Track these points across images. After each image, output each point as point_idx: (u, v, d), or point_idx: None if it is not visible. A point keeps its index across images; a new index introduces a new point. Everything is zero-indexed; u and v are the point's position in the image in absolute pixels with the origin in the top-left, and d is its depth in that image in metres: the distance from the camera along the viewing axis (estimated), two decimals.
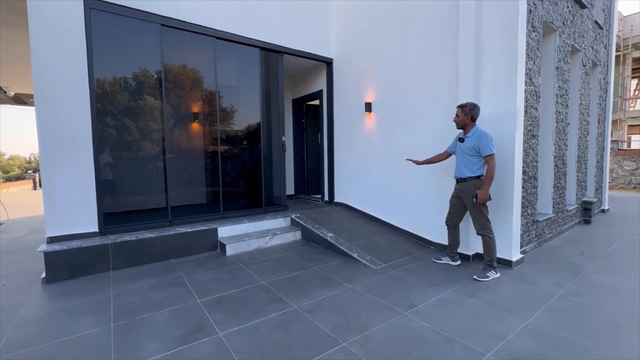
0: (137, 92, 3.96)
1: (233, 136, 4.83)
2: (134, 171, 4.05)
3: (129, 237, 3.65)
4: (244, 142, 4.94)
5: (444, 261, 3.54)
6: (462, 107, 3.16)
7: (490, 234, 3.13)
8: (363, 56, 5.05)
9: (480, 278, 3.06)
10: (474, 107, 3.13)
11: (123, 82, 3.88)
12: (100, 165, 3.71)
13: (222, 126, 4.67)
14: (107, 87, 3.77)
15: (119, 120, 3.85)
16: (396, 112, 4.53)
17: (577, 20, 4.81)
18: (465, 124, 3.18)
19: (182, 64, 4.30)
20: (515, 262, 3.34)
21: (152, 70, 4.04)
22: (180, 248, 3.92)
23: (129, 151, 3.95)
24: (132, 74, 3.93)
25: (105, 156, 3.79)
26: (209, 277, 3.26)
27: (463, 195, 3.22)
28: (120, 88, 3.86)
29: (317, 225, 4.58)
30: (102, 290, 2.97)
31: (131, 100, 3.92)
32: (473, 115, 3.13)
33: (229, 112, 4.78)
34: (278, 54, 5.15)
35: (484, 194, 2.99)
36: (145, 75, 4.01)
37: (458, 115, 3.19)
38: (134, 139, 3.97)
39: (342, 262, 3.70)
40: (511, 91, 3.27)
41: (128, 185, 4.05)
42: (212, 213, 4.59)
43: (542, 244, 4.12)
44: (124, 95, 3.87)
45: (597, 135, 5.89)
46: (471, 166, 3.12)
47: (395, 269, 3.40)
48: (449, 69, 3.78)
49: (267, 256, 3.95)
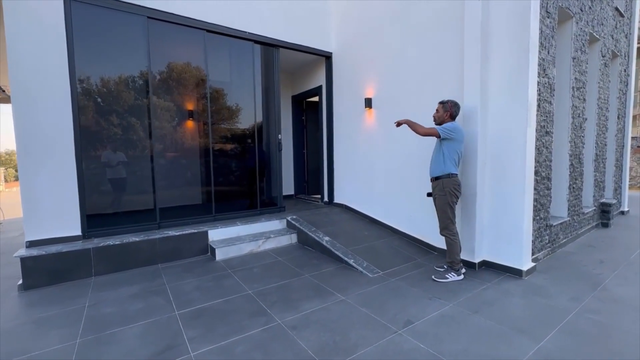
0: (123, 88, 3.78)
1: (226, 134, 4.62)
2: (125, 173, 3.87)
3: (113, 241, 3.48)
4: (238, 141, 4.72)
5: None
6: (443, 104, 3.10)
7: (452, 235, 3.05)
8: (363, 50, 4.77)
9: (437, 278, 3.01)
10: (454, 105, 3.07)
11: (107, 79, 3.69)
12: (84, 166, 3.54)
13: (215, 124, 4.46)
14: (91, 83, 3.59)
15: (103, 118, 3.67)
16: (398, 108, 4.24)
17: (596, 7, 4.43)
18: (443, 120, 3.09)
19: (171, 59, 4.10)
20: (525, 272, 3.04)
21: (139, 65, 3.85)
22: (168, 252, 3.73)
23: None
24: (118, 69, 3.73)
25: (101, 154, 3.63)
26: (192, 285, 3.05)
27: (434, 194, 3.13)
28: (105, 85, 3.67)
29: (313, 228, 4.34)
30: (79, 299, 2.79)
31: (116, 98, 3.73)
32: (452, 113, 3.07)
33: (222, 110, 4.56)
34: (274, 48, 4.91)
35: (401, 120, 3.15)
36: (131, 71, 3.82)
37: (438, 111, 3.12)
38: (120, 137, 3.78)
39: (337, 268, 3.45)
40: (522, 83, 2.96)
41: (114, 186, 3.87)
42: (203, 215, 4.39)
43: (555, 251, 3.80)
44: (108, 92, 3.69)
45: (616, 132, 5.48)
46: (439, 163, 3.04)
47: (393, 278, 3.14)
48: (454, 61, 3.48)
49: (258, 261, 3.73)
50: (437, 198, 3.08)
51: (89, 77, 3.57)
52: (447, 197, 3.00)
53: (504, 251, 3.18)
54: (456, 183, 3.02)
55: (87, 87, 3.56)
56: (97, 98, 3.63)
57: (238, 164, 4.74)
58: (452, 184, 3.00)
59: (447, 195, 3.00)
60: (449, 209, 3.03)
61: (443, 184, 3.01)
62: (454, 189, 3.01)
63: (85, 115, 3.55)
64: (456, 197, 3.03)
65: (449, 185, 2.99)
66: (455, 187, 3.01)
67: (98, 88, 3.63)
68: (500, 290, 2.81)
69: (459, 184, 3.06)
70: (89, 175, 3.60)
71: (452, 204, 3.03)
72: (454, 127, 2.97)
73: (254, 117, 4.78)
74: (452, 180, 3.00)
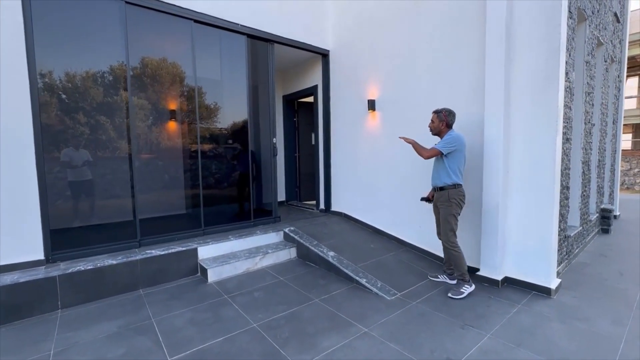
0: (92, 84, 3.22)
1: (216, 138, 4.13)
2: (94, 177, 3.31)
3: (85, 265, 2.93)
4: (228, 145, 4.25)
5: (441, 279, 3.22)
6: (437, 113, 2.97)
7: (455, 247, 2.94)
8: (365, 47, 4.44)
9: (454, 296, 2.86)
10: (449, 114, 2.95)
11: (74, 73, 3.12)
12: (48, 170, 2.97)
13: (203, 126, 3.97)
14: (56, 77, 3.02)
15: (71, 116, 3.10)
16: (405, 111, 3.95)
17: (602, 10, 4.36)
18: (439, 130, 2.98)
19: (152, 52, 3.57)
20: (554, 290, 2.83)
21: (115, 57, 3.30)
22: (151, 275, 3.22)
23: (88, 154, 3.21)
24: (88, 62, 3.17)
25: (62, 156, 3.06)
26: (185, 318, 2.58)
27: (438, 204, 3.01)
28: (71, 80, 3.10)
29: (314, 241, 3.96)
30: (41, 344, 2.25)
31: (85, 94, 3.17)
32: (448, 122, 2.95)
33: (211, 110, 4.08)
34: (269, 43, 4.47)
35: (408, 139, 3.01)
36: (105, 63, 3.27)
37: (433, 121, 3.00)
38: (92, 138, 3.23)
39: (349, 290, 3.10)
40: (552, 87, 2.74)
41: (85, 195, 3.30)
42: (191, 229, 3.89)
43: (571, 262, 3.65)
44: (76, 87, 3.12)
45: (611, 137, 5.51)
46: (443, 174, 2.91)
47: (413, 300, 2.83)
48: (472, 62, 3.23)
49: (257, 282, 3.30)
50: (441, 208, 2.97)
51: (54, 69, 2.99)
52: (453, 208, 2.89)
53: (530, 267, 2.95)
54: (461, 194, 2.92)
55: (49, 81, 2.99)
56: (62, 94, 3.06)
57: (229, 171, 4.27)
58: (458, 195, 2.90)
59: (453, 206, 2.89)
60: (453, 220, 2.92)
61: (449, 195, 2.90)
62: (459, 199, 2.91)
63: (48, 113, 2.98)
64: (460, 207, 2.94)
65: (455, 196, 2.89)
66: (460, 197, 2.92)
67: (63, 83, 3.06)
68: (533, 313, 2.56)
69: (464, 194, 2.95)
70: (54, 181, 3.03)
71: (457, 214, 2.93)
72: (453, 138, 2.86)
73: (246, 119, 4.32)
74: (458, 191, 2.90)
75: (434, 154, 2.88)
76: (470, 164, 3.25)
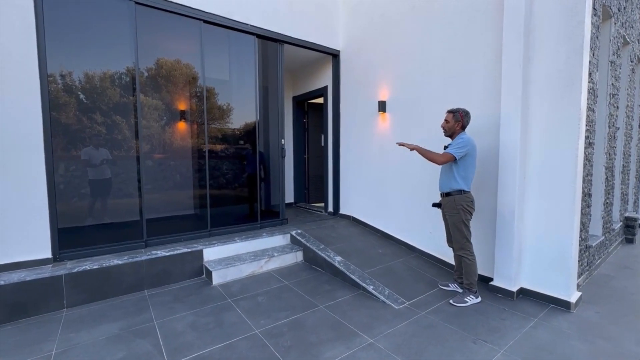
0: (106, 85, 3.23)
1: (224, 139, 4.10)
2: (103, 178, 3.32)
3: (91, 264, 2.93)
4: (237, 145, 4.22)
5: (452, 288, 3.08)
6: (453, 113, 2.81)
7: (470, 255, 2.82)
8: (376, 47, 4.34)
9: (456, 303, 2.78)
10: (466, 114, 2.80)
11: (88, 72, 3.14)
12: (57, 169, 2.99)
13: (212, 127, 3.95)
14: (65, 77, 3.04)
15: (82, 116, 3.12)
16: (416, 113, 3.83)
17: (629, 8, 4.13)
18: (454, 132, 2.84)
19: (162, 52, 3.57)
20: (574, 304, 2.65)
21: (125, 57, 3.31)
22: (156, 276, 3.20)
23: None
24: (100, 61, 3.19)
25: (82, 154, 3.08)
26: (187, 322, 2.54)
27: (446, 211, 2.91)
28: (85, 80, 3.12)
29: (321, 245, 3.87)
30: (44, 344, 2.25)
31: (97, 94, 3.19)
32: (464, 123, 2.82)
33: (219, 111, 4.05)
34: (278, 43, 4.43)
35: (410, 144, 2.89)
36: (115, 63, 3.28)
37: (448, 121, 2.84)
38: (102, 138, 3.24)
39: (355, 296, 3.00)
40: (574, 89, 2.57)
41: (102, 194, 3.31)
42: (197, 230, 3.87)
43: (592, 273, 3.44)
44: (86, 87, 3.14)
45: (637, 142, 5.22)
46: (451, 179, 2.80)
47: (422, 310, 2.71)
48: (486, 61, 3.09)
49: (262, 286, 3.24)
50: (449, 216, 2.87)
51: (63, 69, 3.01)
52: (461, 214, 2.78)
53: (548, 278, 2.78)
54: (469, 200, 2.80)
55: (59, 81, 3.01)
56: (76, 94, 3.08)
57: (237, 172, 4.24)
58: (464, 201, 2.77)
59: (461, 213, 2.78)
60: (464, 227, 2.80)
61: (455, 201, 2.79)
62: (467, 206, 2.79)
63: (57, 112, 3.00)
64: (470, 214, 2.81)
65: (462, 202, 2.77)
66: (468, 204, 2.79)
67: (74, 83, 3.08)
68: (551, 329, 2.41)
69: (472, 200, 2.82)
70: (64, 179, 3.05)
71: (467, 221, 2.80)
72: (464, 142, 2.71)
73: (255, 120, 4.28)
74: (465, 197, 2.78)
75: (449, 159, 2.71)
76: (485, 168, 3.11)
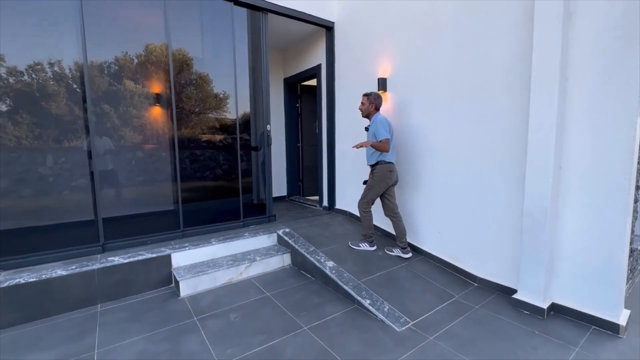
0: (41, 56, 2.66)
1: (198, 123, 3.53)
2: (43, 169, 2.78)
3: (28, 277, 2.42)
4: (214, 132, 3.65)
5: (395, 253, 3.26)
6: (367, 96, 3.21)
7: (365, 210, 3.26)
8: (375, 18, 3.69)
9: (352, 245, 3.37)
10: (378, 97, 3.21)
11: (20, 43, 2.57)
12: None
13: (183, 111, 3.38)
14: None
15: (8, 99, 2.56)
16: (422, 91, 3.22)
17: None
18: (369, 112, 3.23)
19: (116, 20, 2.98)
20: (624, 327, 2.10)
21: (67, 24, 2.73)
22: (114, 287, 2.69)
23: (37, 140, 2.68)
24: (33, 29, 2.61)
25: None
26: (135, 351, 2.03)
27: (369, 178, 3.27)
28: (14, 50, 2.55)
29: (311, 247, 3.34)
30: None
31: (28, 70, 2.62)
32: (377, 105, 3.21)
33: (190, 92, 3.47)
34: (261, 12, 3.80)
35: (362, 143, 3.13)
36: (52, 32, 2.70)
37: (363, 104, 3.24)
38: (41, 121, 2.69)
39: (348, 313, 2.47)
40: (630, 52, 1.95)
41: (33, 191, 2.78)
42: (168, 230, 3.34)
43: (634, 282, 2.88)
44: (16, 63, 2.57)
45: None
46: (372, 154, 3.18)
47: (431, 334, 2.17)
48: (513, 24, 2.47)
49: (238, 298, 2.72)
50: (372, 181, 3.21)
51: None
52: (375, 182, 3.15)
53: (588, 293, 2.23)
54: (388, 170, 3.13)
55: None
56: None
57: (214, 163, 3.68)
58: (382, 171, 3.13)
59: (376, 181, 3.15)
60: (371, 192, 3.19)
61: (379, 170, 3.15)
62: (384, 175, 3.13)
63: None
64: (385, 183, 3.13)
65: (379, 172, 3.14)
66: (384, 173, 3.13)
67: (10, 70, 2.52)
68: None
69: (392, 170, 3.14)
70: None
71: (380, 189, 3.16)
72: (382, 123, 3.06)
73: (235, 103, 3.70)
74: (385, 167, 3.13)
75: (387, 142, 3.00)
76: (507, 156, 2.53)
